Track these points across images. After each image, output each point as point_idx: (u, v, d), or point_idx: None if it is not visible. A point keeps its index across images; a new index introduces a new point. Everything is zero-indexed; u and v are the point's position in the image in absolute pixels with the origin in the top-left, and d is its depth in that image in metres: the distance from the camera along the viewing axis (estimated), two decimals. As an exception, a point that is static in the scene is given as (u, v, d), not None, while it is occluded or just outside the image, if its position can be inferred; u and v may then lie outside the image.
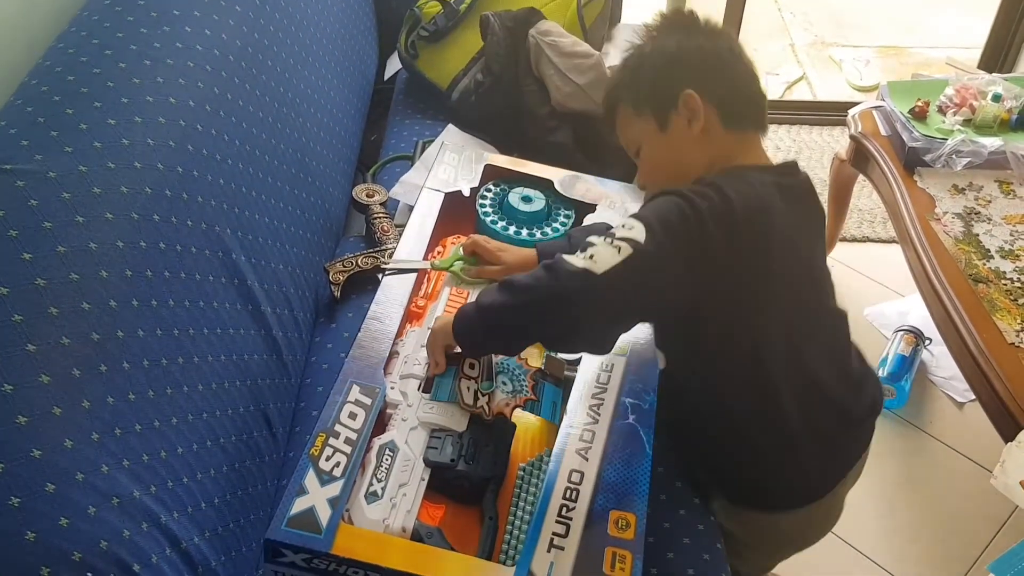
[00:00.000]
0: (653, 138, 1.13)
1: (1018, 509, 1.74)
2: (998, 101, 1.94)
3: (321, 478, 0.98)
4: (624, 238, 0.96)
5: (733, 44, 1.12)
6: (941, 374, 2.09)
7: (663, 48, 1.12)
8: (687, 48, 1.10)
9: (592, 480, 1.05)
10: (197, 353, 1.10)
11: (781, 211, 1.04)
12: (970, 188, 1.85)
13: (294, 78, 1.59)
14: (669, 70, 1.10)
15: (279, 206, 1.40)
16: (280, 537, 0.93)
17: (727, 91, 1.09)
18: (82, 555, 0.83)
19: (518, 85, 1.82)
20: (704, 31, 1.12)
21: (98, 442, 0.90)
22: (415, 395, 1.13)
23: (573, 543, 0.98)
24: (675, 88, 1.08)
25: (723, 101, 1.08)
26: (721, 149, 1.09)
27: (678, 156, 1.12)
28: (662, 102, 1.10)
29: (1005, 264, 1.67)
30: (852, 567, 1.72)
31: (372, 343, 1.16)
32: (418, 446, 1.08)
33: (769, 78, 3.30)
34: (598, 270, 0.95)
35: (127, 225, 1.04)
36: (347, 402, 1.07)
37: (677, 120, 1.09)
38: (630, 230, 0.97)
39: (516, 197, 1.48)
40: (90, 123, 1.08)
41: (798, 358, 1.09)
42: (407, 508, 1.01)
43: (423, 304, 1.28)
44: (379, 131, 2.08)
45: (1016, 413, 1.40)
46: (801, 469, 1.17)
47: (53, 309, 0.91)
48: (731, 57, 1.10)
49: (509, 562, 0.99)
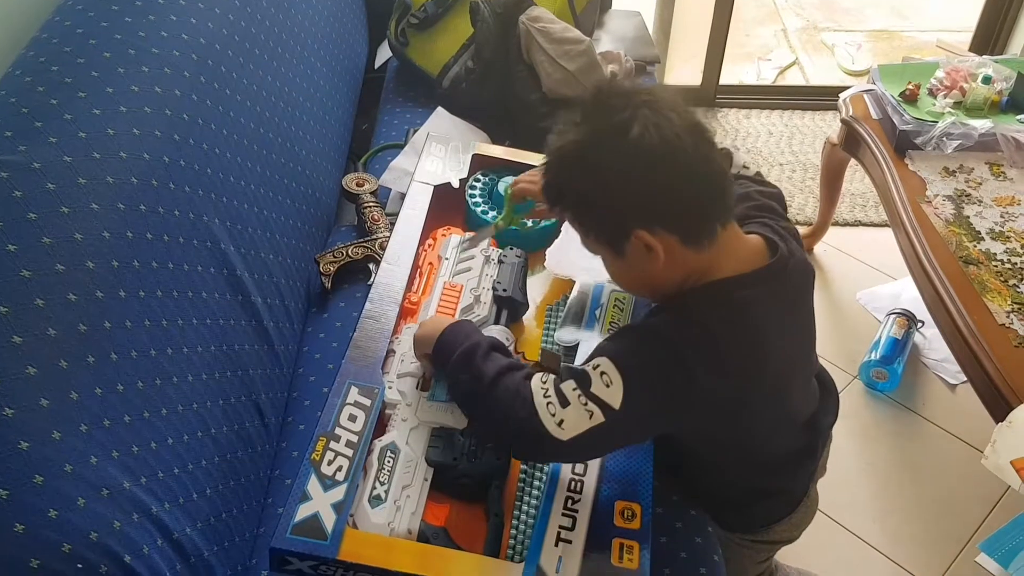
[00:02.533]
0: (611, 260, 1.01)
1: (1009, 489, 1.74)
2: (988, 83, 1.94)
3: (324, 483, 0.97)
4: (597, 399, 0.92)
5: (676, 143, 0.91)
6: (933, 356, 2.10)
7: (604, 174, 0.93)
8: (629, 177, 0.92)
9: (596, 471, 1.05)
10: (187, 344, 1.10)
11: (776, 329, 0.99)
12: (961, 170, 1.85)
13: (282, 66, 1.58)
14: (613, 204, 0.95)
15: (268, 195, 1.39)
16: (286, 545, 0.92)
17: (681, 217, 0.93)
18: (72, 547, 0.83)
19: (509, 72, 1.82)
20: (652, 133, 0.90)
21: (87, 433, 0.90)
22: (413, 394, 1.12)
23: (580, 536, 0.98)
24: (624, 226, 0.94)
25: (679, 227, 0.93)
26: (691, 265, 0.97)
27: (644, 277, 1.00)
28: (612, 237, 0.97)
29: (996, 246, 1.67)
30: (845, 549, 1.72)
31: (369, 343, 1.15)
32: (419, 446, 1.07)
33: (761, 63, 3.29)
34: (563, 437, 0.93)
35: (113, 216, 1.03)
36: (346, 404, 1.06)
37: (633, 250, 0.95)
38: (607, 387, 0.92)
39: (505, 186, 1.47)
40: (75, 113, 1.08)
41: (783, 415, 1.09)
42: (411, 510, 1.01)
43: (416, 300, 1.27)
44: (370, 120, 2.07)
45: (1007, 394, 1.40)
46: (783, 489, 1.19)
47: (39, 300, 0.91)
48: (679, 171, 0.92)
49: (517, 558, 0.99)
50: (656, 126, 0.90)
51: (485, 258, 1.33)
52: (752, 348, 0.96)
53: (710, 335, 0.93)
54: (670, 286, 0.99)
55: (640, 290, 1.09)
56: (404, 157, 1.70)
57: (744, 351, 0.95)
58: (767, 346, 0.98)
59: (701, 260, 0.96)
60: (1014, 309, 1.53)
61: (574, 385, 0.93)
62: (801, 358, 1.10)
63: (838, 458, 1.33)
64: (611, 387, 0.92)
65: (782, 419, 1.09)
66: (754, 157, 2.76)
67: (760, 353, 0.97)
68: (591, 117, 0.95)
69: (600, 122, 0.94)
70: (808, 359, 1.12)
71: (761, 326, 0.97)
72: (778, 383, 1.02)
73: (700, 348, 0.93)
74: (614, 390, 0.92)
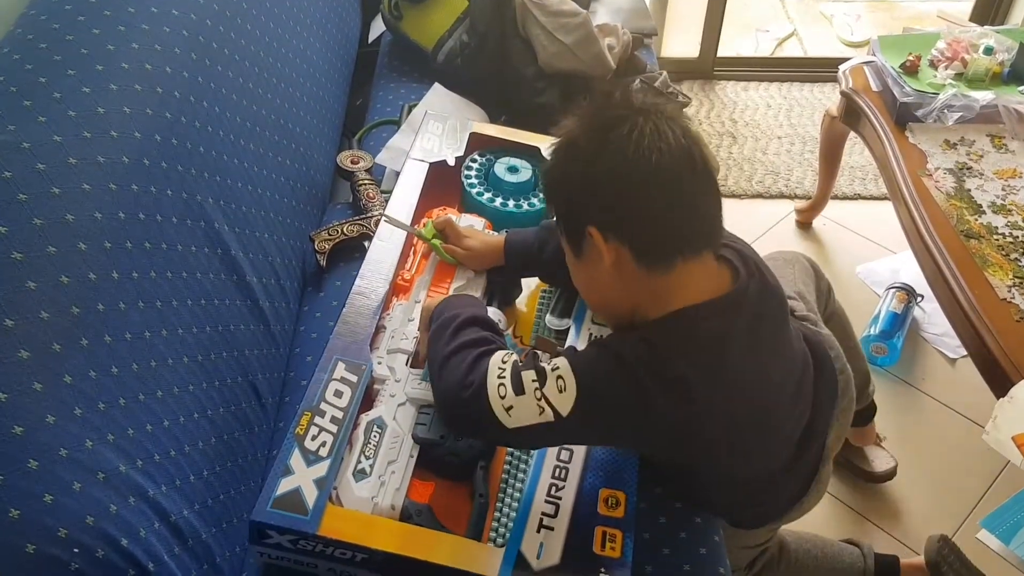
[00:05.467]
0: (571, 261, 1.02)
1: (1009, 464, 1.74)
2: (990, 54, 1.92)
3: (307, 458, 0.97)
4: (549, 400, 0.91)
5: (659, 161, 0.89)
6: (933, 331, 2.09)
7: (576, 164, 0.94)
8: (597, 172, 0.92)
9: (581, 458, 1.04)
10: (181, 325, 1.09)
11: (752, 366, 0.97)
12: (962, 143, 1.84)
13: (274, 42, 1.56)
14: (577, 195, 0.95)
15: (262, 174, 1.38)
16: (265, 518, 0.92)
17: (638, 233, 0.92)
18: (68, 531, 0.82)
19: (504, 46, 1.79)
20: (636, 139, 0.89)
21: (81, 417, 0.89)
22: (403, 370, 1.11)
23: (563, 523, 0.98)
24: (581, 218, 0.94)
25: (633, 242, 0.92)
26: (645, 290, 0.94)
27: (598, 287, 0.99)
28: (571, 230, 0.98)
29: (997, 219, 1.66)
30: (844, 522, 1.72)
31: (357, 318, 1.14)
32: (407, 423, 1.06)
33: (759, 35, 3.26)
34: (509, 425, 0.93)
35: (105, 196, 1.02)
36: (332, 380, 1.06)
37: (588, 251, 0.95)
38: (560, 392, 0.91)
39: (502, 168, 1.45)
40: (64, 92, 1.06)
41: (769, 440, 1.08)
42: (396, 486, 1.00)
43: (409, 277, 1.26)
44: (364, 95, 2.05)
45: (1007, 369, 1.40)
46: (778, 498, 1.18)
47: (31, 283, 0.90)
48: (649, 189, 0.90)
49: (500, 541, 0.98)
50: (648, 139, 0.89)
51: None
52: (719, 382, 0.93)
53: (674, 367, 0.91)
54: (621, 306, 0.98)
55: (592, 298, 1.06)
56: (401, 136, 1.68)
57: (709, 384, 0.92)
58: (736, 378, 0.95)
59: (654, 284, 0.93)
60: (1015, 283, 1.52)
61: (534, 376, 0.92)
62: (784, 380, 1.06)
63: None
64: (564, 393, 0.91)
65: (768, 443, 1.08)
66: (752, 130, 2.74)
67: (728, 386, 0.94)
68: (593, 114, 0.96)
69: (598, 119, 0.94)
70: (793, 378, 1.08)
71: (729, 358, 0.94)
72: (754, 413, 1.00)
73: (664, 381, 0.90)
74: (566, 397, 0.91)
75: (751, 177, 2.57)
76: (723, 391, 0.94)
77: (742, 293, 0.96)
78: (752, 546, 1.32)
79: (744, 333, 0.95)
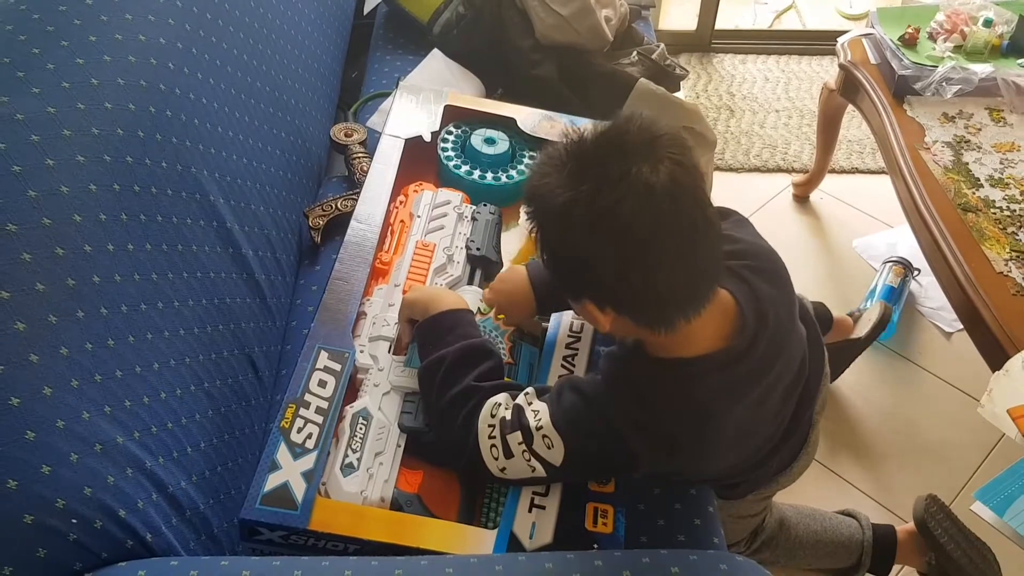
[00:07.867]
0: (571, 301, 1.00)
1: (1005, 437, 1.75)
2: (989, 26, 1.91)
3: (293, 451, 0.96)
4: (540, 457, 0.94)
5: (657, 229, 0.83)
6: (929, 304, 2.10)
7: (564, 246, 0.89)
8: (588, 255, 0.87)
9: None
10: (177, 298, 1.08)
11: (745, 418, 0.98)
12: (960, 116, 1.83)
13: (269, 13, 1.54)
14: (568, 275, 0.93)
15: (257, 146, 1.37)
16: (255, 516, 0.92)
17: (637, 309, 0.89)
18: (66, 502, 0.83)
19: (500, 17, 1.78)
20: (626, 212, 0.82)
21: (78, 389, 0.89)
22: (386, 358, 1.10)
23: (554, 501, 0.98)
24: (580, 289, 0.92)
25: (632, 314, 0.90)
26: (648, 336, 0.93)
27: (602, 327, 0.95)
28: (567, 293, 0.97)
29: (995, 193, 1.66)
30: (839, 496, 1.73)
31: (339, 305, 1.13)
32: (392, 412, 1.05)
33: (757, 7, 3.24)
34: (508, 478, 0.97)
35: (99, 168, 1.01)
36: (316, 369, 1.04)
37: (588, 312, 0.93)
38: (549, 449, 0.94)
39: (479, 139, 1.43)
40: (57, 63, 1.05)
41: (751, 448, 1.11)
42: (384, 478, 0.99)
43: (388, 260, 1.25)
44: (359, 68, 2.03)
45: (1004, 342, 1.40)
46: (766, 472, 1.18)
47: (26, 255, 0.89)
48: (647, 264, 0.85)
49: (491, 524, 0.98)
50: (638, 204, 0.82)
51: (458, 215, 1.30)
52: (708, 439, 0.96)
53: (663, 423, 0.93)
54: (626, 336, 0.98)
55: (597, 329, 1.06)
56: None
57: (697, 440, 0.95)
58: (727, 434, 0.97)
59: (657, 337, 0.92)
60: (1012, 257, 1.52)
61: (520, 439, 0.94)
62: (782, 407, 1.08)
63: (833, 407, 1.33)
64: (552, 449, 0.94)
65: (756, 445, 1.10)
66: (750, 104, 2.72)
67: (717, 440, 0.97)
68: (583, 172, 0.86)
69: (590, 181, 0.84)
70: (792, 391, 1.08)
71: (722, 420, 0.95)
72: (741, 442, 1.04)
73: (651, 437, 0.93)
74: (555, 452, 0.94)
75: (748, 151, 2.56)
76: (712, 445, 0.98)
77: (744, 350, 0.94)
78: (745, 516, 1.33)
79: (743, 383, 0.96)
